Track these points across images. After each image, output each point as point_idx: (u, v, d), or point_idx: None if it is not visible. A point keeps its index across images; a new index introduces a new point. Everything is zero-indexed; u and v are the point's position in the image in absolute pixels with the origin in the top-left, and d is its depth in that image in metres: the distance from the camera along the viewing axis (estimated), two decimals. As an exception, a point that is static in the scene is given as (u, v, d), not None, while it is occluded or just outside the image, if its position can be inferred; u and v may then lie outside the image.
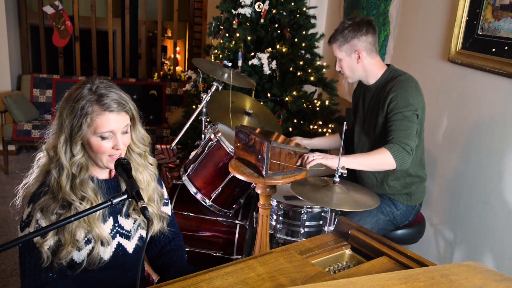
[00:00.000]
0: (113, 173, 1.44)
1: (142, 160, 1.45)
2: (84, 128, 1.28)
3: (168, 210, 1.61)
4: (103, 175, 1.42)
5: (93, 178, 1.37)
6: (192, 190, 2.13)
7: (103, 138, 1.30)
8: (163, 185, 1.61)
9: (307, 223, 2.07)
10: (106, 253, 1.37)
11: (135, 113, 1.37)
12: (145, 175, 1.46)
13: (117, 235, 1.42)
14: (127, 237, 1.44)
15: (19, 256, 1.33)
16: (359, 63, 2.09)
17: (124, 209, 1.44)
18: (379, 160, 1.90)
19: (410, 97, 1.96)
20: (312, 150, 2.05)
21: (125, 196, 1.20)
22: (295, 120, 3.16)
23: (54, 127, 1.34)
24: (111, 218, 1.41)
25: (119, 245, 1.42)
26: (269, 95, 3.18)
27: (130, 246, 1.45)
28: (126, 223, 1.44)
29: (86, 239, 1.34)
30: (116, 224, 1.42)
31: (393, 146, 1.89)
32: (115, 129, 1.31)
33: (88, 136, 1.30)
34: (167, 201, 1.61)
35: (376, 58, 2.12)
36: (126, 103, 1.33)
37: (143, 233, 1.49)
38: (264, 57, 3.10)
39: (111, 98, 1.30)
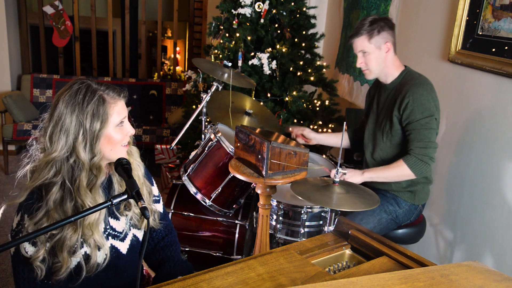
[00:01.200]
0: (106, 174, 1.43)
1: (130, 149, 1.47)
2: (110, 121, 1.31)
3: (160, 207, 1.61)
4: None
5: None
6: (192, 190, 2.12)
7: (120, 126, 1.34)
8: (154, 182, 1.61)
9: (307, 223, 2.07)
10: (100, 257, 1.36)
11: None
12: (134, 164, 1.46)
13: (109, 237, 1.41)
14: (120, 238, 1.43)
15: (12, 266, 1.32)
16: (387, 57, 2.09)
17: (114, 211, 1.43)
18: (399, 173, 2.02)
19: (425, 102, 1.99)
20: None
21: (125, 196, 1.19)
22: (295, 120, 3.16)
23: (60, 134, 1.27)
24: (102, 221, 1.40)
25: (112, 247, 1.41)
26: (269, 95, 3.18)
27: (123, 247, 1.44)
28: (118, 225, 1.43)
29: (79, 242, 1.32)
30: (108, 227, 1.41)
31: (410, 159, 1.99)
32: (126, 114, 1.37)
33: (108, 130, 1.31)
34: (158, 198, 1.61)
35: (396, 55, 2.14)
36: (120, 88, 1.38)
37: (136, 232, 1.48)
38: (264, 57, 3.10)
39: (111, 87, 1.34)
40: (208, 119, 2.49)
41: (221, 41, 3.21)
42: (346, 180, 1.91)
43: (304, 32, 3.33)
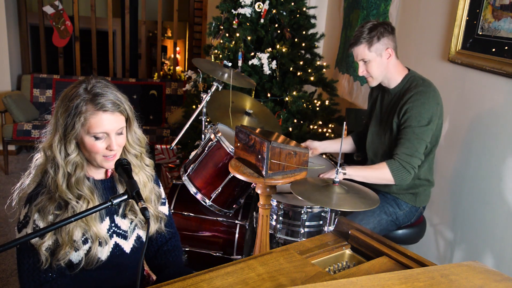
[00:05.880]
0: (109, 173, 1.43)
1: (138, 162, 1.45)
2: (78, 127, 1.26)
3: (165, 209, 1.60)
4: (98, 175, 1.41)
5: (89, 178, 1.36)
6: (192, 190, 2.12)
7: (96, 138, 1.29)
8: (161, 185, 1.60)
9: (307, 223, 2.07)
10: (103, 253, 1.37)
11: (131, 114, 1.36)
12: (142, 176, 1.45)
13: (114, 235, 1.41)
14: (124, 237, 1.44)
15: (17, 257, 1.32)
16: (389, 63, 2.06)
17: (121, 210, 1.44)
18: (379, 175, 1.99)
19: (423, 112, 1.96)
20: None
21: (126, 197, 1.19)
22: (295, 120, 3.16)
23: (50, 126, 1.33)
24: (108, 218, 1.41)
25: (116, 245, 1.42)
26: (269, 95, 3.18)
27: (127, 246, 1.45)
28: (123, 224, 1.44)
29: (83, 238, 1.33)
30: (113, 224, 1.42)
31: (393, 163, 1.97)
32: (109, 130, 1.30)
33: (81, 135, 1.29)
34: (164, 200, 1.61)
35: (398, 60, 2.11)
36: (121, 103, 1.32)
37: (140, 232, 1.48)
38: (264, 57, 3.10)
39: (106, 98, 1.28)
40: (208, 119, 2.49)
41: (221, 41, 3.21)
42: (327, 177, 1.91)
43: (304, 32, 3.33)
